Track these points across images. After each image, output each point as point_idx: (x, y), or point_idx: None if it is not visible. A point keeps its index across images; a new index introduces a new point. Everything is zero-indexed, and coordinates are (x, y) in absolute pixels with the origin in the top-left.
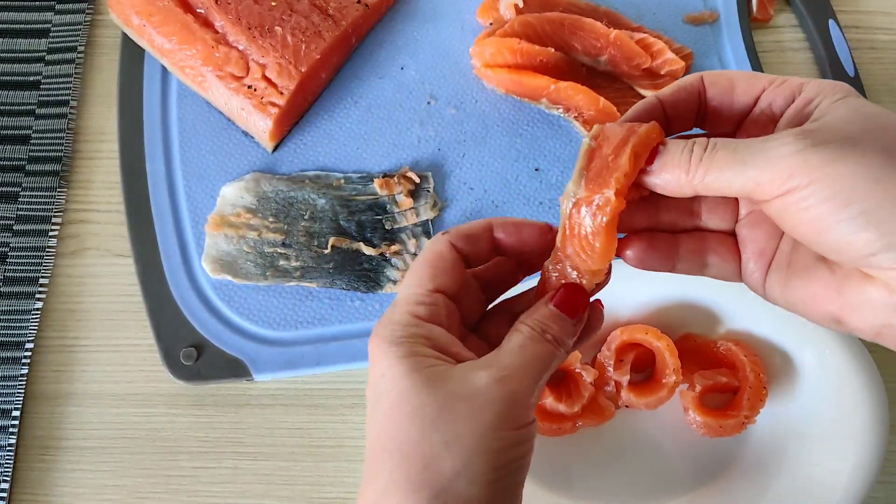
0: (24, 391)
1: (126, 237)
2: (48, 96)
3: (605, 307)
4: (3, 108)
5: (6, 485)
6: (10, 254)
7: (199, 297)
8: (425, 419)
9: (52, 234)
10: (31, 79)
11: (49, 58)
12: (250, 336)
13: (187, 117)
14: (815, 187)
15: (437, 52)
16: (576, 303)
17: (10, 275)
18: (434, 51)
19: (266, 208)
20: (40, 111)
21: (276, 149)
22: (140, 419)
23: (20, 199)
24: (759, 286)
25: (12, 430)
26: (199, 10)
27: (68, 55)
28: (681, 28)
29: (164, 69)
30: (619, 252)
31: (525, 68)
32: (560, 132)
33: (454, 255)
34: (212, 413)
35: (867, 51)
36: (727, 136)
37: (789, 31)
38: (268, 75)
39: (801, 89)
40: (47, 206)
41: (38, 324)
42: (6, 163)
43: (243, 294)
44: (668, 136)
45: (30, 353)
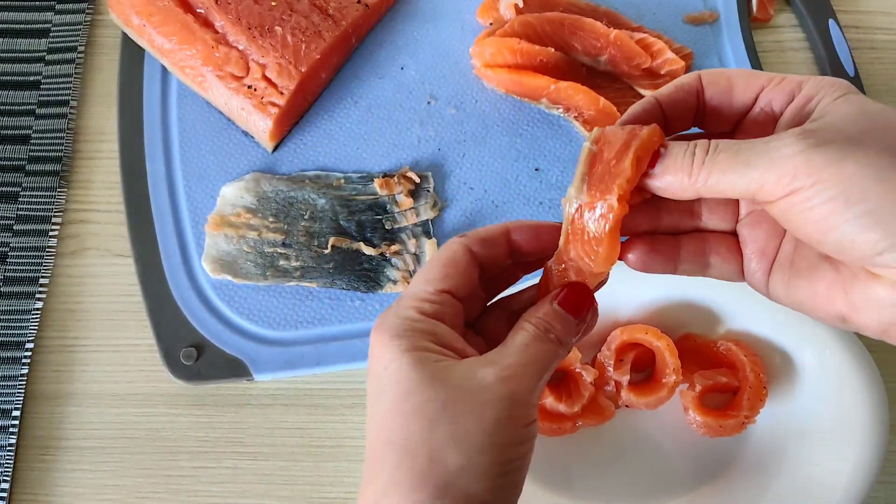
0: (24, 391)
1: (126, 237)
2: (48, 96)
3: (605, 307)
4: (3, 108)
5: (6, 485)
6: (10, 254)
7: (199, 297)
8: (430, 414)
9: (52, 234)
10: (31, 79)
11: (49, 58)
12: (250, 336)
13: (187, 117)
14: (819, 188)
15: (437, 52)
16: (580, 302)
17: (10, 275)
18: (434, 51)
19: (266, 208)
20: (40, 111)
21: (276, 149)
22: (140, 419)
23: (20, 199)
24: (762, 286)
25: (12, 430)
26: (199, 10)
27: (68, 55)
28: (681, 28)
29: (164, 69)
30: (622, 256)
31: (525, 68)
32: (560, 132)
33: (468, 259)
34: (212, 413)
35: (867, 51)
36: (726, 135)
37: (789, 31)
38: (268, 75)
39: (800, 87)
40: (47, 206)
41: (38, 324)
42: (6, 163)
43: (243, 294)
44: (667, 135)
45: (30, 353)
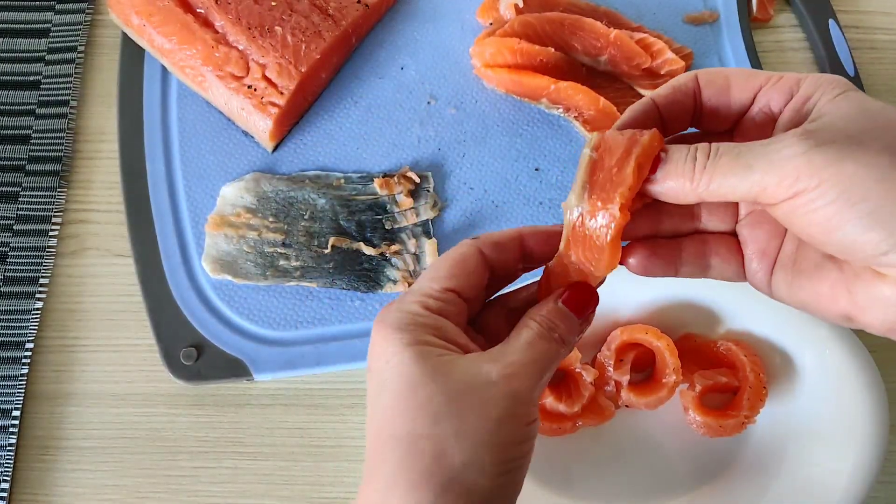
0: (24, 391)
1: (126, 237)
2: (48, 96)
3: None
4: (3, 108)
5: (6, 485)
6: (10, 254)
7: (199, 297)
8: (434, 410)
9: (52, 234)
10: (31, 79)
11: (49, 58)
12: (250, 336)
13: (187, 117)
14: (822, 189)
15: (437, 52)
16: (584, 302)
17: (10, 275)
18: (434, 51)
19: (266, 208)
20: (40, 111)
21: (276, 149)
22: (140, 419)
23: (20, 199)
24: (765, 285)
25: (12, 430)
26: (199, 10)
27: (68, 55)
28: (681, 28)
29: (164, 69)
30: (623, 261)
31: (525, 68)
32: (560, 132)
33: (478, 261)
34: (212, 413)
35: (867, 51)
36: (724, 135)
37: (789, 31)
38: (268, 75)
39: (798, 85)
40: (47, 206)
41: (38, 324)
42: (6, 163)
43: (243, 294)
44: (665, 136)
45: (30, 353)
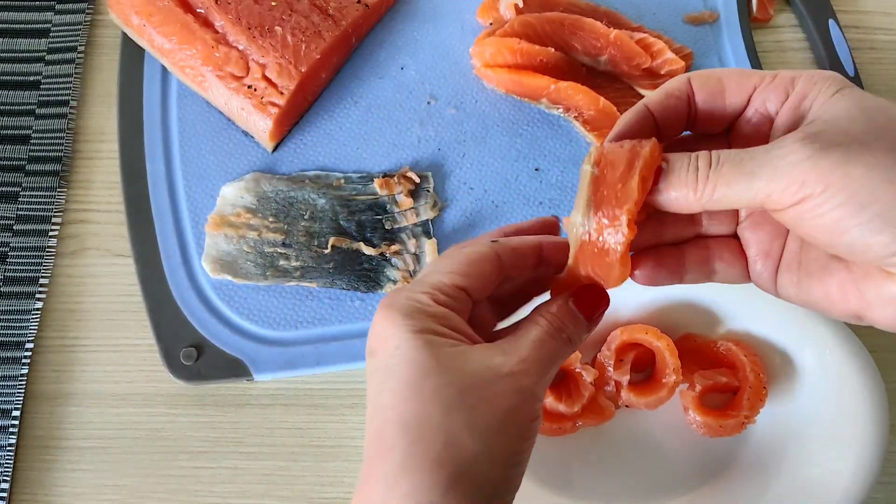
0: (24, 391)
1: (126, 237)
2: (48, 96)
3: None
4: (3, 108)
5: (6, 485)
6: (10, 254)
7: (199, 297)
8: (446, 398)
9: (52, 234)
10: (31, 79)
11: (49, 58)
12: (250, 336)
13: (187, 117)
14: (828, 193)
15: (437, 52)
16: (595, 304)
17: (10, 275)
18: (434, 51)
19: (266, 208)
20: (40, 111)
21: (276, 149)
22: (140, 419)
23: (20, 199)
24: (770, 286)
25: (12, 430)
26: (199, 10)
27: (68, 55)
28: (681, 28)
29: (164, 69)
30: (629, 273)
31: (525, 68)
32: (560, 132)
33: (494, 267)
34: (212, 413)
35: (867, 51)
36: (720, 137)
37: (789, 31)
38: (268, 75)
39: (793, 84)
40: (47, 206)
41: (38, 324)
42: (6, 163)
43: (243, 294)
44: (660, 141)
45: (30, 353)
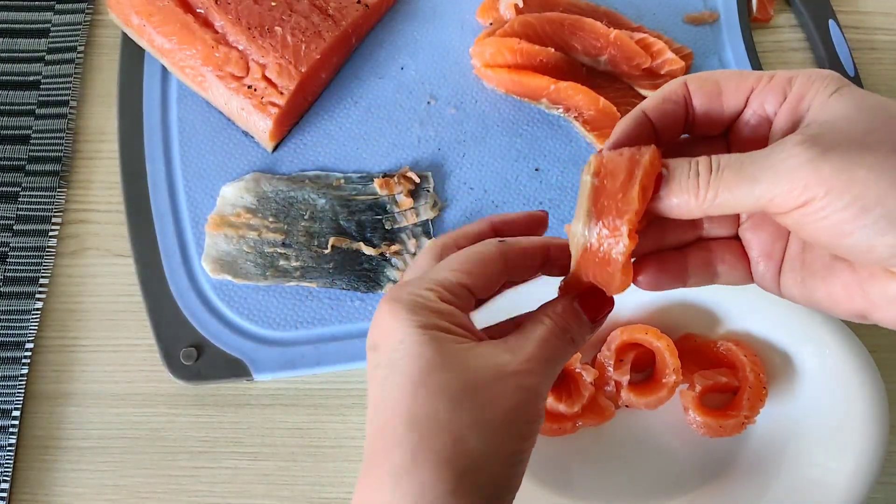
0: (24, 391)
1: (126, 237)
2: (48, 96)
3: None
4: (3, 108)
5: (6, 485)
6: (10, 254)
7: (199, 297)
8: (453, 395)
9: (52, 234)
10: (31, 79)
11: (49, 58)
12: (250, 336)
13: (187, 117)
14: (831, 196)
15: (437, 52)
16: (599, 307)
17: (10, 275)
18: (434, 51)
19: (266, 208)
20: (40, 111)
21: (276, 149)
22: (140, 419)
23: (20, 199)
24: (774, 287)
25: (12, 430)
26: (199, 10)
27: (68, 55)
28: (681, 28)
29: (164, 69)
30: (632, 279)
31: (525, 68)
32: (560, 132)
33: (500, 268)
34: (212, 413)
35: (867, 51)
36: (718, 139)
37: (789, 31)
38: (268, 75)
39: (790, 85)
40: (47, 206)
41: (38, 324)
42: (6, 163)
43: (243, 294)
44: (657, 146)
45: (30, 353)
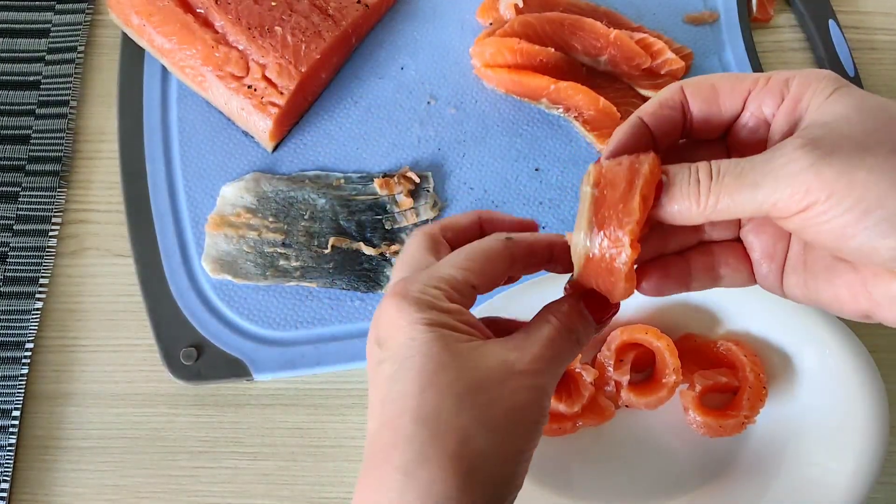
0: (24, 391)
1: (126, 237)
2: (48, 96)
3: None
4: (3, 108)
5: (6, 485)
6: (10, 254)
7: (199, 297)
8: (462, 393)
9: (52, 234)
10: (31, 79)
11: (49, 58)
12: (250, 336)
13: (187, 117)
14: (833, 200)
15: (437, 52)
16: (605, 309)
17: (10, 275)
18: (434, 51)
19: (266, 208)
20: (40, 111)
21: (276, 149)
22: (140, 419)
23: (20, 199)
24: (777, 288)
25: (12, 430)
26: (199, 10)
27: (68, 55)
28: (681, 28)
29: (164, 69)
30: (636, 285)
31: (525, 68)
32: (560, 132)
33: (505, 266)
34: (212, 413)
35: (867, 51)
36: (717, 143)
37: (789, 31)
38: (268, 75)
39: (787, 86)
40: (47, 206)
41: (38, 324)
42: (6, 163)
43: (243, 294)
44: (655, 152)
45: (30, 353)
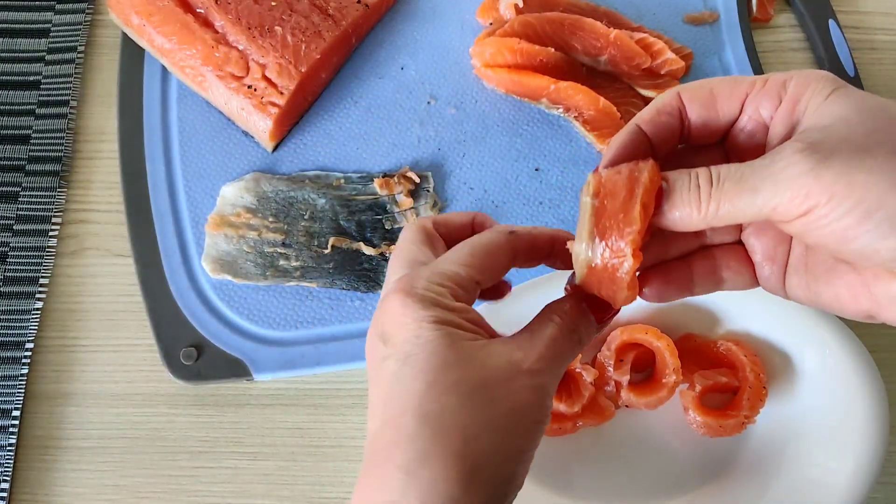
0: (24, 391)
1: (126, 237)
2: (48, 96)
3: None
4: (3, 108)
5: (6, 485)
6: (10, 254)
7: (199, 297)
8: (467, 392)
9: (52, 234)
10: (31, 79)
11: (49, 58)
12: (250, 336)
13: (187, 117)
14: (834, 203)
15: (437, 52)
16: (606, 310)
17: (10, 275)
18: (434, 51)
19: (266, 208)
20: (40, 111)
21: (276, 149)
22: (140, 419)
23: (20, 199)
24: (780, 290)
25: (12, 430)
26: (199, 10)
27: (68, 55)
28: (681, 28)
29: (164, 69)
30: (638, 291)
31: (525, 68)
32: (560, 132)
33: (508, 260)
34: (212, 413)
35: (867, 51)
36: (716, 147)
37: (789, 31)
38: (268, 75)
39: (784, 88)
40: (47, 206)
41: (38, 324)
42: (6, 163)
43: (243, 294)
44: (654, 159)
45: (30, 353)
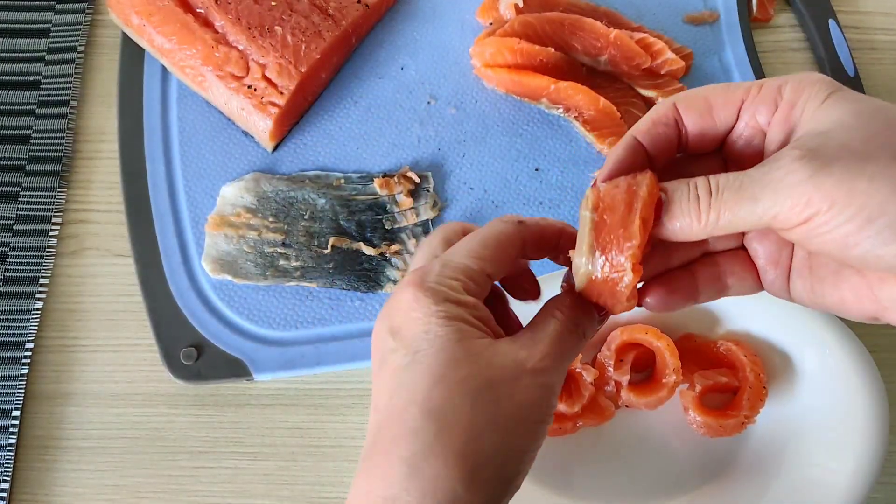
0: (24, 391)
1: (126, 237)
2: (48, 96)
3: None
4: (3, 108)
5: (6, 485)
6: (10, 254)
7: (199, 297)
8: (473, 391)
9: (52, 234)
10: (31, 79)
11: (49, 58)
12: (250, 336)
13: (187, 117)
14: (835, 210)
15: (437, 52)
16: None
17: (10, 275)
18: (434, 51)
19: (266, 208)
20: (40, 111)
21: (276, 149)
22: (140, 419)
23: (20, 199)
24: (784, 293)
25: (12, 430)
26: (199, 10)
27: (68, 55)
28: (681, 28)
29: (164, 69)
30: (640, 302)
31: (525, 68)
32: (560, 132)
33: (517, 251)
34: (212, 413)
35: (867, 51)
36: (713, 155)
37: (789, 31)
38: (268, 75)
39: (780, 93)
40: (47, 206)
41: (38, 324)
42: (6, 163)
43: (243, 294)
44: (652, 170)
45: (30, 353)
